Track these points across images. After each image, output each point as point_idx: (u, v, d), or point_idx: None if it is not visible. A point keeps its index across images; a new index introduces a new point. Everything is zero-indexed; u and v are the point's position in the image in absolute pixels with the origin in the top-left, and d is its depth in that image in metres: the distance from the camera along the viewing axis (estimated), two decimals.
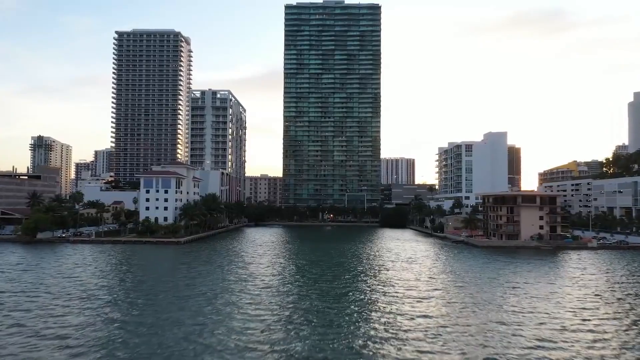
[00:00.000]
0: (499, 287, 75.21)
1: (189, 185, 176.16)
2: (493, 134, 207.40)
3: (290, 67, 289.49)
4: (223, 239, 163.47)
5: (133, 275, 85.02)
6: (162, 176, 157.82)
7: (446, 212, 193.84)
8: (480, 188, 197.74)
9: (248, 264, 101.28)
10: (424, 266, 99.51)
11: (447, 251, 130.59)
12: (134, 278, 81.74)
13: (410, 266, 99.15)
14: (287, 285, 76.68)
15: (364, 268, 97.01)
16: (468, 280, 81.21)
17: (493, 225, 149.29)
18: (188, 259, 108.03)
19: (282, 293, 69.77)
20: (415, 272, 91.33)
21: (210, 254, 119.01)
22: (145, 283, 77.04)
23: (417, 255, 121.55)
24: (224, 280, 79.62)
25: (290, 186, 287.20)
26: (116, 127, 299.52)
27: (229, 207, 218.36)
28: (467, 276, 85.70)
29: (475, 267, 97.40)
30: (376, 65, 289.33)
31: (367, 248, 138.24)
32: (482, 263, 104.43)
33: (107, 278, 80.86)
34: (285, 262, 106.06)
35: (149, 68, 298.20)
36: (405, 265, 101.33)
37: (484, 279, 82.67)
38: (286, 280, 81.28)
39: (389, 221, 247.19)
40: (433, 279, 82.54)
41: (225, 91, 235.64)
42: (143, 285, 74.83)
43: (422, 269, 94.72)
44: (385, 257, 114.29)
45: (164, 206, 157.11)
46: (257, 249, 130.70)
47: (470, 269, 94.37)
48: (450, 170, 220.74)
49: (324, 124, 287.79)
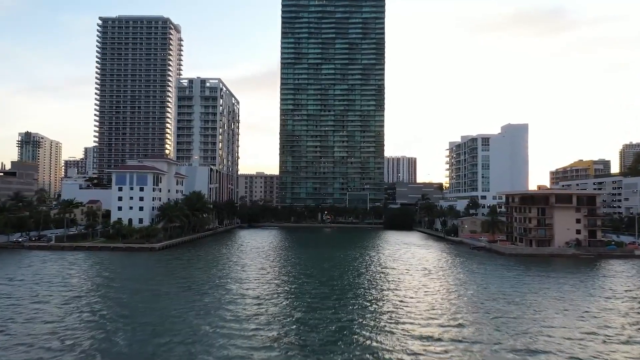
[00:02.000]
0: (558, 317, 54.56)
1: (171, 183, 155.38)
2: (512, 126, 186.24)
3: (287, 56, 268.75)
4: (208, 243, 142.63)
5: (59, 298, 64.06)
6: (137, 171, 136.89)
7: (460, 214, 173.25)
8: (498, 186, 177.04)
9: (226, 281, 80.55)
10: (445, 282, 78.75)
11: (467, 260, 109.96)
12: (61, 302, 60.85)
13: (429, 283, 78.34)
14: (277, 326, 55.88)
15: (372, 285, 76.23)
16: (513, 309, 60.39)
17: (520, 229, 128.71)
18: (154, 274, 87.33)
19: (272, 342, 49.09)
20: (436, 290, 70.66)
21: (185, 265, 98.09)
22: (61, 323, 56.13)
23: (432, 264, 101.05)
24: (180, 313, 58.90)
25: (287, 184, 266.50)
26: (99, 121, 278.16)
27: (218, 207, 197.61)
28: (507, 298, 64.97)
29: (512, 284, 76.59)
30: (380, 54, 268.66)
31: (373, 256, 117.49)
32: (517, 278, 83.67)
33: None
34: (276, 278, 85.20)
35: (135, 57, 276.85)
36: (422, 280, 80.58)
37: (533, 303, 61.98)
38: (277, 316, 60.32)
39: (393, 222, 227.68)
40: (463, 304, 61.84)
41: (215, 79, 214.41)
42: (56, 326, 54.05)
43: (445, 287, 73.97)
44: (396, 269, 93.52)
45: (139, 206, 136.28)
46: (243, 258, 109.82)
47: (507, 287, 73.59)
48: (464, 167, 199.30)
49: (324, 117, 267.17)
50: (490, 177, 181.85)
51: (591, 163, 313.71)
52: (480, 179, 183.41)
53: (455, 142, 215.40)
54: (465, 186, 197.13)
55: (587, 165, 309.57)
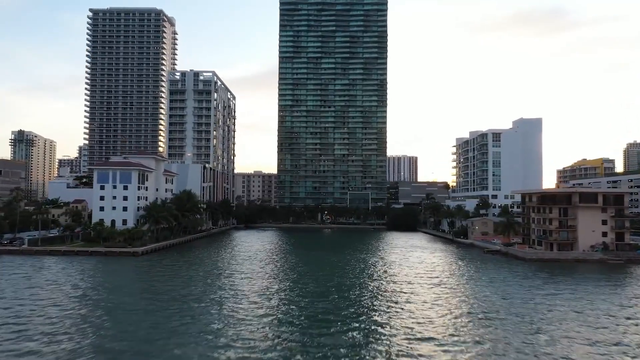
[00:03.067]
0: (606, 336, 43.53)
1: (159, 181, 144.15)
2: (525, 120, 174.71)
3: (286, 50, 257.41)
4: (198, 247, 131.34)
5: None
6: (120, 168, 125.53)
7: (470, 214, 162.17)
8: (511, 185, 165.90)
9: (203, 296, 69.46)
10: (462, 295, 67.57)
11: (482, 266, 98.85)
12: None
13: (443, 296, 67.17)
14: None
15: (377, 301, 65.04)
16: (554, 332, 49.24)
17: (539, 232, 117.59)
18: (127, 283, 76.17)
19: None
20: (453, 306, 59.51)
21: (165, 273, 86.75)
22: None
23: (443, 272, 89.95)
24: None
25: (285, 183, 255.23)
26: (90, 117, 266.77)
27: (212, 207, 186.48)
28: (542, 318, 53.84)
29: (542, 297, 65.46)
30: (382, 48, 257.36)
31: (377, 261, 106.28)
32: (544, 288, 72.48)
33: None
34: (265, 292, 74.05)
35: (127, 50, 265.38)
36: (434, 292, 69.40)
37: (572, 325, 50.85)
38: (265, 348, 49.16)
39: (397, 223, 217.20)
40: (490, 329, 50.65)
41: (209, 72, 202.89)
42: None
43: (463, 302, 62.81)
44: (403, 278, 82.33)
45: (123, 206, 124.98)
46: (232, 265, 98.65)
47: (538, 302, 62.44)
48: (473, 165, 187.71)
49: (324, 114, 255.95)
50: (501, 175, 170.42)
51: (601, 161, 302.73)
52: (490, 177, 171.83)
53: (463, 138, 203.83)
54: (474, 185, 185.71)
55: (597, 164, 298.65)
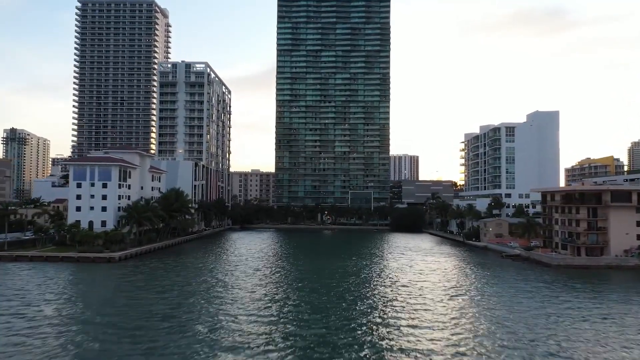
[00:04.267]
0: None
1: (144, 178, 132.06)
2: (541, 113, 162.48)
3: (284, 43, 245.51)
4: (186, 251, 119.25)
5: None
6: (98, 164, 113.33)
7: (481, 214, 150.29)
8: (525, 183, 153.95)
9: (173, 319, 57.55)
10: (486, 314, 55.54)
11: (502, 274, 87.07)
12: None
13: (462, 315, 55.21)
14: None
15: (384, 319, 53.02)
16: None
17: (563, 234, 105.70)
18: (87, 297, 64.12)
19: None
20: (478, 331, 47.52)
21: (139, 284, 74.80)
22: None
23: (457, 281, 78.33)
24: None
25: (283, 182, 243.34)
26: (79, 113, 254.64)
27: (204, 206, 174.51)
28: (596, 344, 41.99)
29: (586, 319, 53.53)
30: (385, 41, 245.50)
31: (382, 267, 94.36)
32: (584, 304, 60.56)
33: None
34: (256, 312, 62.06)
35: (118, 43, 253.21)
36: (451, 308, 57.45)
37: None
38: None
39: (401, 224, 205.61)
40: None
41: (202, 63, 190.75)
42: None
43: (490, 324, 50.82)
44: (412, 288, 70.39)
45: (102, 206, 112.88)
46: (218, 273, 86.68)
47: (585, 327, 50.55)
48: (484, 161, 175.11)
49: (324, 109, 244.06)
50: (515, 173, 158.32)
51: (612, 159, 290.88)
52: (504, 175, 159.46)
53: (472, 133, 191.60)
54: (485, 183, 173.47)
55: (607, 162, 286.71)
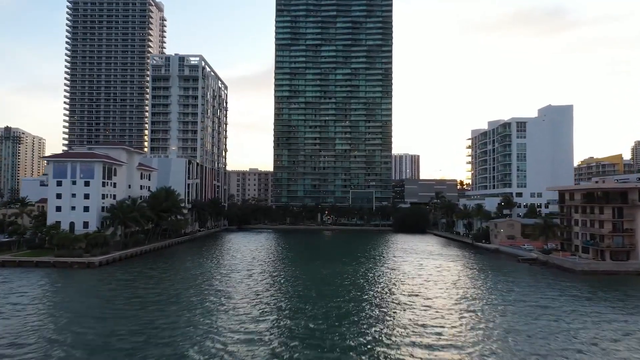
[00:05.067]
0: None
1: (132, 176, 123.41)
2: (554, 107, 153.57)
3: (282, 37, 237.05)
4: (175, 255, 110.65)
5: None
6: (80, 160, 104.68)
7: (491, 214, 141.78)
8: (537, 181, 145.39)
9: (158, 342, 48.92)
10: (514, 333, 47.06)
11: (523, 281, 78.60)
12: None
13: (486, 339, 46.69)
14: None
15: (391, 348, 44.60)
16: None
17: (585, 236, 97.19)
18: (46, 314, 55.50)
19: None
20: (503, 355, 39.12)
21: (113, 294, 66.20)
22: None
23: (472, 290, 69.83)
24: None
25: (282, 181, 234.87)
26: (70, 109, 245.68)
27: (199, 206, 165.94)
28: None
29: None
30: (386, 35, 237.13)
31: (387, 274, 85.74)
32: (620, 321, 52.13)
33: None
34: (246, 340, 53.48)
35: (111, 37, 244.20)
36: (471, 327, 48.95)
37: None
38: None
39: (404, 224, 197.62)
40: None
41: (196, 56, 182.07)
42: None
43: (518, 344, 42.34)
44: (422, 301, 61.97)
45: (84, 205, 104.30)
46: (205, 283, 78.20)
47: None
48: (493, 158, 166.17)
49: (324, 105, 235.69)
50: (527, 170, 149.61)
51: (620, 157, 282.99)
52: (515, 173, 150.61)
53: (480, 129, 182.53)
54: (494, 181, 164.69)
55: (615, 161, 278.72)
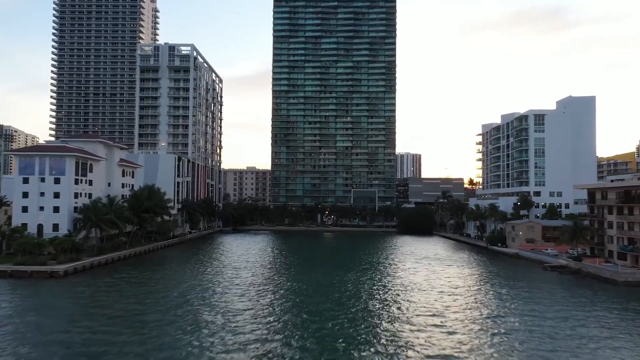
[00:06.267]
0: None
1: (112, 173, 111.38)
2: (574, 99, 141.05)
3: (280, 29, 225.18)
4: (158, 261, 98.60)
5: None
6: (50, 154, 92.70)
7: (507, 215, 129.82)
8: (557, 179, 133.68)
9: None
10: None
11: (554, 294, 66.82)
12: None
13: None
14: None
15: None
16: None
17: (621, 241, 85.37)
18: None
19: None
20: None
21: (71, 313, 54.23)
22: None
23: (501, 308, 57.63)
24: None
25: (280, 180, 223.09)
26: (57, 104, 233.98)
27: (189, 206, 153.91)
28: None
29: None
30: (390, 26, 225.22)
31: (394, 286, 73.65)
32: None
33: None
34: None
35: (100, 28, 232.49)
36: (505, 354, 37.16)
37: None
38: None
39: (409, 225, 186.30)
40: None
41: (187, 45, 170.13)
42: None
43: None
44: (444, 321, 50.09)
45: (54, 205, 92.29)
46: (187, 301, 66.29)
47: None
48: (507, 155, 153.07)
49: (324, 100, 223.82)
50: (545, 167, 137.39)
51: (633, 155, 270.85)
52: (532, 170, 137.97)
53: (492, 124, 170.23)
54: (508, 179, 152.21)
55: (628, 159, 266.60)
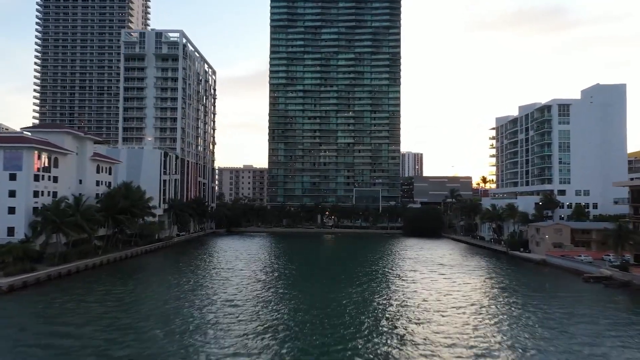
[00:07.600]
0: None
1: (84, 169, 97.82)
2: (602, 87, 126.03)
3: (278, 18, 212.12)
4: (131, 272, 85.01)
5: None
6: (4, 145, 79.14)
7: (529, 216, 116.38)
8: (584, 176, 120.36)
9: None
10: None
11: (606, 315, 53.79)
12: None
13: None
14: None
15: None
16: None
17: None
18: None
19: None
20: None
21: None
22: None
23: (542, 338, 44.06)
24: None
25: (278, 179, 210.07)
26: (40, 98, 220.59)
27: (177, 207, 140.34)
28: None
29: None
30: (394, 15, 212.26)
31: (408, 304, 60.27)
32: None
33: None
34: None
35: (87, 17, 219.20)
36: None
37: None
38: None
39: (415, 227, 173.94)
40: None
41: (176, 32, 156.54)
42: None
43: None
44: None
45: (8, 206, 78.67)
46: (142, 329, 52.76)
47: None
48: (527, 150, 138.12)
49: (324, 94, 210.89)
50: (571, 163, 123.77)
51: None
52: (556, 166, 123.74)
53: (508, 116, 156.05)
54: (527, 177, 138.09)
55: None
